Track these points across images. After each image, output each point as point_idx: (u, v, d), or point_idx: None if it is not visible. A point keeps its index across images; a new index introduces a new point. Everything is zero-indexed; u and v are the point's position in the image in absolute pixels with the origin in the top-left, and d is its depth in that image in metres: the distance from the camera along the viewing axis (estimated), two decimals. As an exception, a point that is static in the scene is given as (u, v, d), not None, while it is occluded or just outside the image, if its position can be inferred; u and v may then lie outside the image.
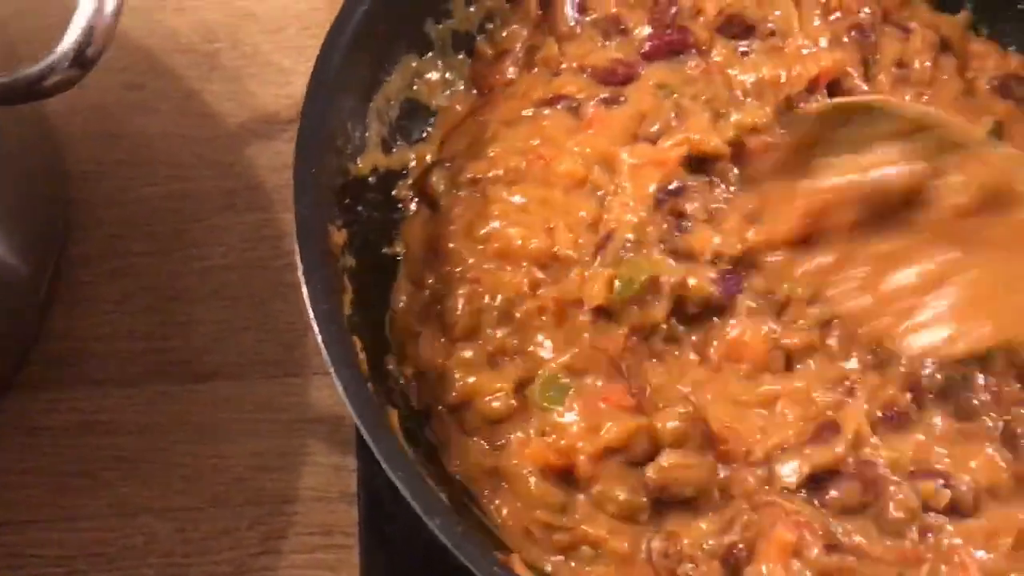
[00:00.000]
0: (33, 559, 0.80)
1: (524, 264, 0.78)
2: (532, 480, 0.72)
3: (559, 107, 0.86)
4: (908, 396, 0.78)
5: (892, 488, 0.74)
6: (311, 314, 0.67)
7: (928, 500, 0.75)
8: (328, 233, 0.75)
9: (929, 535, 0.74)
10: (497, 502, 0.72)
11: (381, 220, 0.84)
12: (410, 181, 0.85)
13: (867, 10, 0.91)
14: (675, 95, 0.85)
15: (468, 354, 0.76)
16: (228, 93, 1.00)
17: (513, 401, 0.74)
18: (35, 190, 0.87)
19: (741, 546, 0.72)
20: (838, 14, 0.90)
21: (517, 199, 0.81)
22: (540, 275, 0.78)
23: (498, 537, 0.71)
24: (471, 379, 0.75)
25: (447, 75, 0.90)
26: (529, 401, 0.75)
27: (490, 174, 0.82)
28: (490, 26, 0.92)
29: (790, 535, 0.72)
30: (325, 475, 0.84)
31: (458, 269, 0.79)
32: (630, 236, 0.79)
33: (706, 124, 0.82)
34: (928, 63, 0.90)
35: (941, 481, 0.75)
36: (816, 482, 0.74)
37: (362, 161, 0.83)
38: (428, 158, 0.86)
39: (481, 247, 0.79)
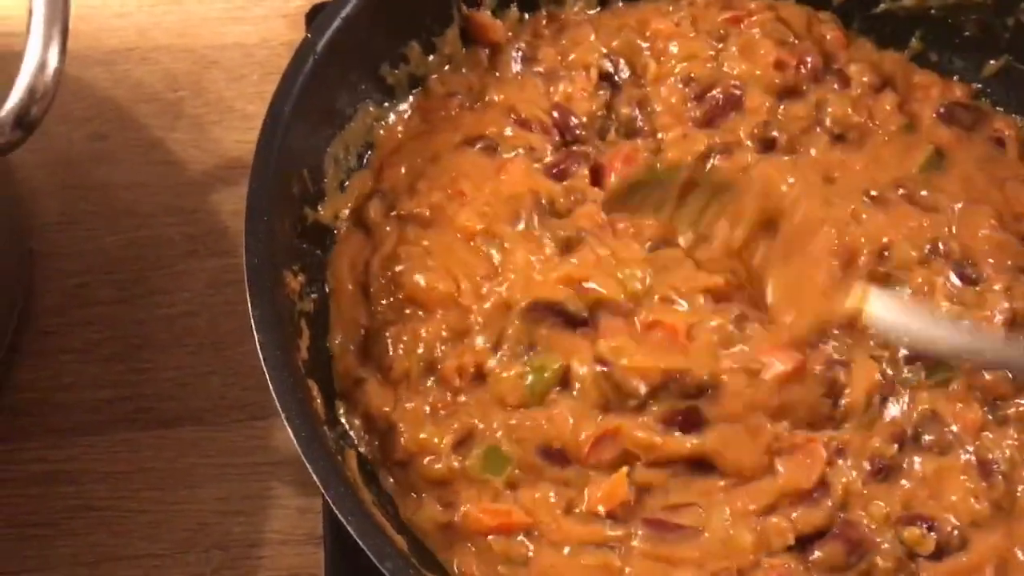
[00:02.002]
0: (0, 611, 0.81)
1: (438, 312, 0.79)
2: (490, 537, 0.73)
3: (478, 147, 0.88)
4: (895, 447, 0.79)
5: (878, 540, 0.75)
6: (263, 363, 0.68)
7: (915, 547, 0.76)
8: (283, 279, 0.76)
9: None
10: (456, 561, 0.72)
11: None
12: (347, 210, 0.86)
13: (809, 59, 0.94)
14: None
15: (411, 405, 0.77)
16: (192, 140, 1.02)
17: (455, 463, 0.75)
18: (-1, 244, 0.89)
19: None
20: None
21: (426, 243, 0.82)
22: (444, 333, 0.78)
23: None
24: (419, 434, 0.75)
25: (403, 113, 0.92)
26: (468, 470, 0.75)
27: (415, 211, 0.84)
28: (446, 68, 0.94)
29: None
30: (291, 518, 0.85)
31: (382, 307, 0.80)
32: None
33: None
34: (863, 119, 0.94)
35: (926, 526, 0.76)
36: (800, 543, 0.75)
37: (324, 208, 0.85)
38: (369, 185, 0.87)
39: (396, 290, 0.80)
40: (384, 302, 0.81)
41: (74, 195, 0.98)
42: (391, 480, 0.75)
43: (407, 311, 0.80)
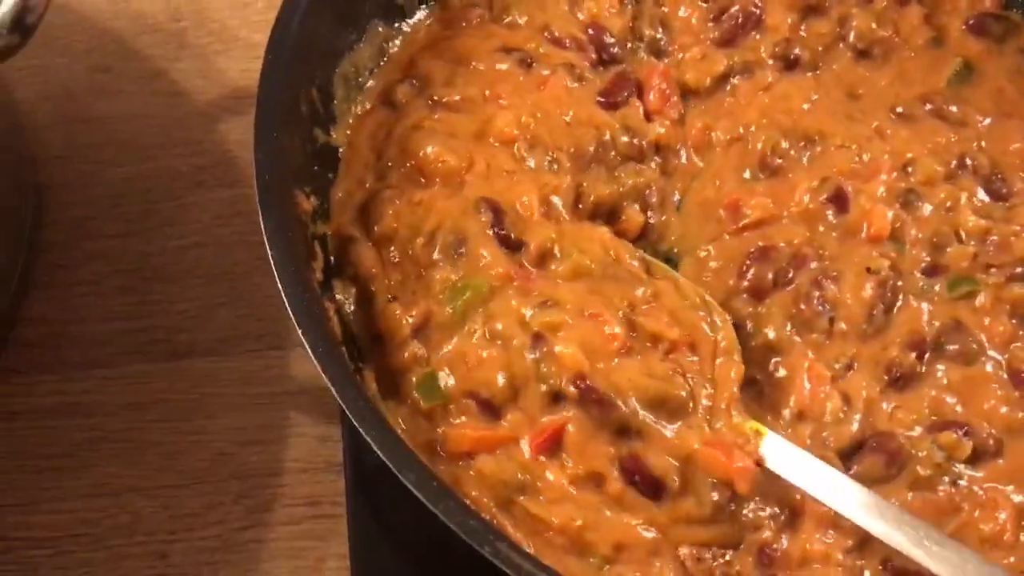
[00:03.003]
0: (19, 542, 0.80)
1: (437, 183, 0.79)
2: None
3: (515, 57, 0.86)
4: (912, 355, 0.77)
5: (914, 450, 0.74)
6: (277, 277, 0.66)
7: (952, 452, 0.74)
8: (295, 198, 0.74)
9: (960, 483, 0.74)
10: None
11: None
12: (374, 90, 0.86)
13: None
14: None
15: (396, 278, 0.76)
16: (196, 71, 0.99)
17: (417, 350, 0.73)
18: (3, 179, 0.87)
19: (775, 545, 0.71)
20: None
21: (452, 124, 0.82)
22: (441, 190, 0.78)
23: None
24: (393, 310, 0.74)
25: (422, 23, 0.89)
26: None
27: (447, 99, 0.83)
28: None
29: (825, 507, 0.71)
30: (310, 446, 0.84)
31: (391, 173, 0.80)
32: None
33: None
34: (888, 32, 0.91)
35: (961, 431, 0.75)
36: (840, 456, 0.74)
37: (336, 131, 0.83)
38: (398, 75, 0.86)
39: (407, 158, 0.80)
40: (394, 169, 0.81)
41: (77, 129, 0.96)
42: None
43: (411, 179, 0.80)
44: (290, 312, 0.64)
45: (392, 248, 0.79)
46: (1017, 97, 0.91)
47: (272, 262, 0.66)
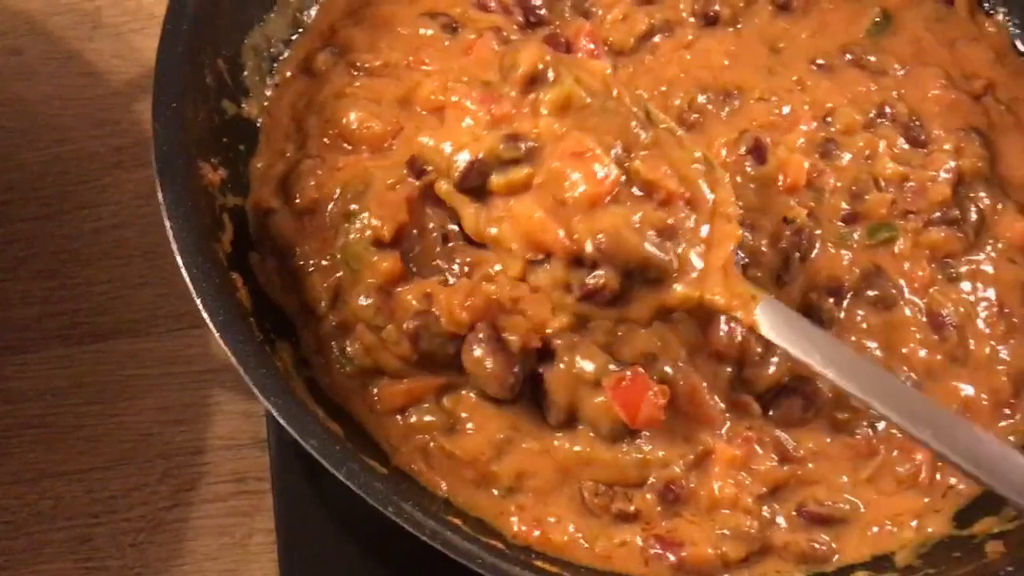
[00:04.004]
0: (-63, 533, 0.79)
1: (363, 151, 0.78)
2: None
3: (440, 22, 0.85)
4: (830, 300, 0.78)
5: (831, 394, 0.74)
6: (175, 248, 0.65)
7: None
8: (198, 169, 0.73)
9: (879, 426, 0.74)
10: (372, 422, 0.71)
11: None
12: (292, 60, 0.85)
13: None
14: None
15: (316, 246, 0.75)
16: (112, 50, 0.97)
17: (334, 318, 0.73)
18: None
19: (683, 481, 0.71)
20: None
21: (375, 90, 0.81)
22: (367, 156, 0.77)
23: (394, 465, 0.70)
24: (313, 278, 0.74)
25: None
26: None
27: (369, 64, 0.82)
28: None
29: (737, 450, 0.72)
30: (234, 423, 0.83)
31: (313, 143, 0.79)
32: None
33: None
34: None
35: None
36: (758, 400, 0.74)
37: (247, 103, 0.82)
38: (318, 42, 0.86)
39: (330, 126, 0.79)
40: (315, 138, 0.80)
41: (-10, 113, 0.94)
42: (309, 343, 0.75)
43: (334, 147, 0.79)
44: (188, 283, 0.64)
45: (314, 217, 0.78)
46: (934, 45, 0.91)
47: (169, 233, 0.65)
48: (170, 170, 0.68)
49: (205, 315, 0.62)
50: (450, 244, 0.76)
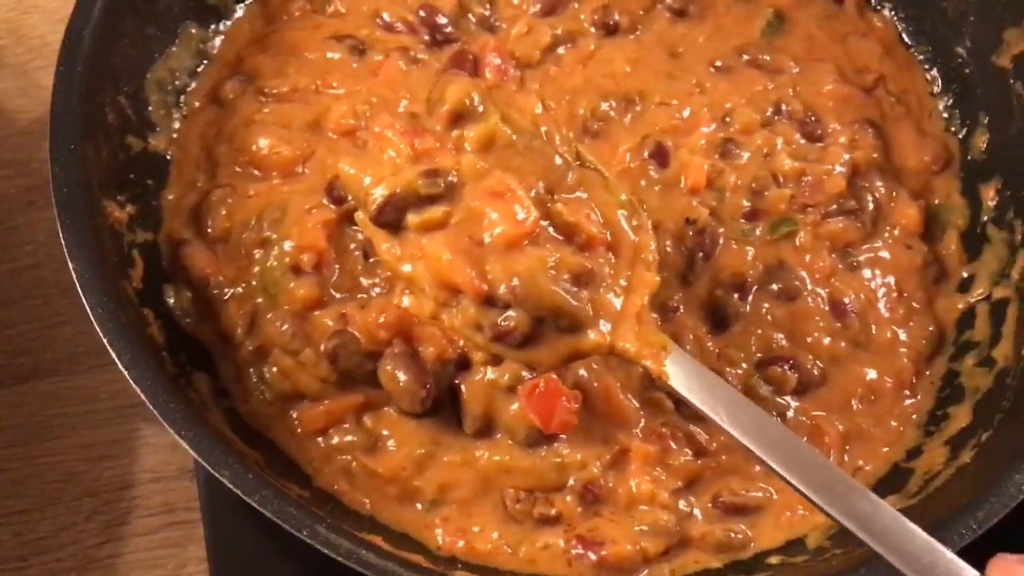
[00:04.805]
0: None
1: (274, 177, 0.79)
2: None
3: (346, 44, 0.87)
4: (735, 296, 0.80)
5: (741, 387, 0.77)
6: (80, 289, 0.65)
7: (779, 385, 0.78)
8: (103, 209, 0.73)
9: (788, 414, 0.77)
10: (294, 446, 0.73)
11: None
12: (200, 91, 0.86)
13: None
14: None
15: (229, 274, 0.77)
16: (17, 90, 0.97)
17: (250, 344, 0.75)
18: None
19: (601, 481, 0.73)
20: None
21: (283, 115, 0.82)
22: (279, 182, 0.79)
23: (316, 487, 0.72)
24: (229, 307, 0.75)
25: (244, 20, 0.89)
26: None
27: (277, 90, 0.84)
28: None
29: (652, 447, 0.74)
30: (161, 454, 0.83)
31: (223, 172, 0.80)
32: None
33: None
34: None
35: (787, 364, 0.78)
36: (669, 396, 0.76)
37: (155, 138, 0.82)
38: (224, 72, 0.87)
39: (240, 154, 0.80)
40: (227, 167, 0.81)
41: None
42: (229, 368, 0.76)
43: (245, 175, 0.80)
44: (95, 323, 0.64)
45: (227, 245, 0.79)
46: (827, 42, 0.95)
47: (74, 274, 0.66)
48: (72, 211, 0.69)
49: (112, 352, 0.63)
50: (371, 260, 0.78)
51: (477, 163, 0.69)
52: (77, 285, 0.65)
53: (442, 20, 0.90)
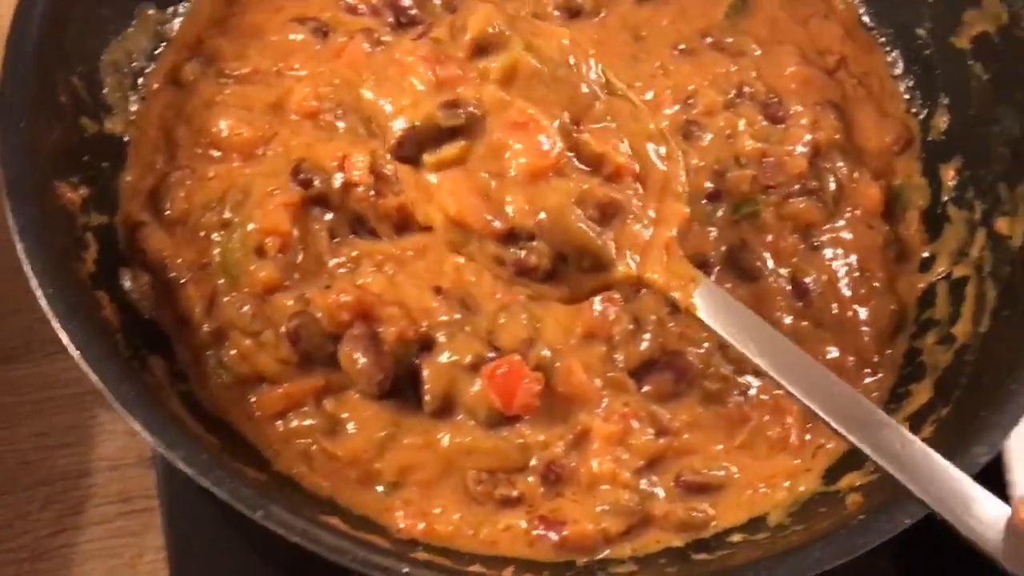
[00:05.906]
0: None
1: (234, 159, 0.79)
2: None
3: (309, 26, 0.86)
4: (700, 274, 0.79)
5: (701, 366, 0.77)
6: (29, 271, 0.64)
7: (742, 364, 0.77)
8: (55, 190, 0.72)
9: (750, 393, 0.77)
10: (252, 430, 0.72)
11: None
12: (158, 72, 0.84)
13: None
14: None
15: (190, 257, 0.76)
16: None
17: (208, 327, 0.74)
18: None
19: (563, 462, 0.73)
20: None
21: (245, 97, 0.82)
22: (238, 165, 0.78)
23: (275, 471, 0.71)
24: (186, 290, 0.74)
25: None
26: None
27: (238, 72, 0.83)
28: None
29: (614, 427, 0.74)
30: (119, 442, 0.82)
31: (183, 154, 0.80)
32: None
33: None
34: None
35: None
36: (632, 376, 0.76)
37: (111, 120, 0.81)
38: (184, 54, 0.86)
39: (200, 135, 0.80)
40: (187, 149, 0.80)
41: None
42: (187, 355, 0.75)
43: (205, 156, 0.80)
44: (42, 303, 0.63)
45: (185, 227, 0.78)
46: (790, 24, 0.95)
47: (21, 255, 0.64)
48: (20, 192, 0.67)
49: (62, 334, 0.62)
50: (336, 240, 0.77)
51: (500, 94, 0.66)
52: (25, 265, 0.64)
53: (406, 2, 0.90)
